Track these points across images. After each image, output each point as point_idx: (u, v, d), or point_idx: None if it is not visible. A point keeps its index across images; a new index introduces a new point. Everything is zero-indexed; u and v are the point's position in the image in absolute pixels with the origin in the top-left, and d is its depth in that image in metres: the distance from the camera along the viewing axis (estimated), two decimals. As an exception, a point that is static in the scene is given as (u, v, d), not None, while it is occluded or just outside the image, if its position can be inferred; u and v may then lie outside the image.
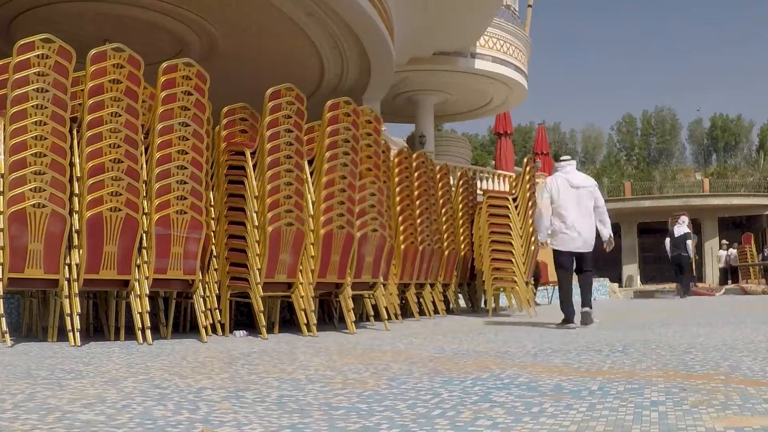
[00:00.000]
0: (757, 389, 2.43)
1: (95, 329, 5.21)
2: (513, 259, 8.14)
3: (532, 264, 8.82)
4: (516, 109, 27.25)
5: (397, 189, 7.15)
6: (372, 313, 6.36)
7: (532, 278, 9.52)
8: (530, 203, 8.32)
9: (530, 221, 8.25)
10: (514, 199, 8.24)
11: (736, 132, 63.69)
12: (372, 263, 6.07)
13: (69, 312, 4.22)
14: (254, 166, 5.26)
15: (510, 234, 8.09)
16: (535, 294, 10.32)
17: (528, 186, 8.45)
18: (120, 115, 4.46)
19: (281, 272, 5.22)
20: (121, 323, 4.69)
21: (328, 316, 6.71)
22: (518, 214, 8.26)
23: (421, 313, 7.73)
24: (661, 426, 1.88)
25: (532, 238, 8.27)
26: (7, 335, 4.06)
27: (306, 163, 5.45)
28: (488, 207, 8.24)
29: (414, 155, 7.64)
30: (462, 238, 8.81)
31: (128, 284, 4.59)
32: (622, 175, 52.53)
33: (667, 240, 16.30)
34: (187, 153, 4.75)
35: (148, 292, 4.62)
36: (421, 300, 7.84)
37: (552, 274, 11.50)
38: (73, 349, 4.04)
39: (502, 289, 8.57)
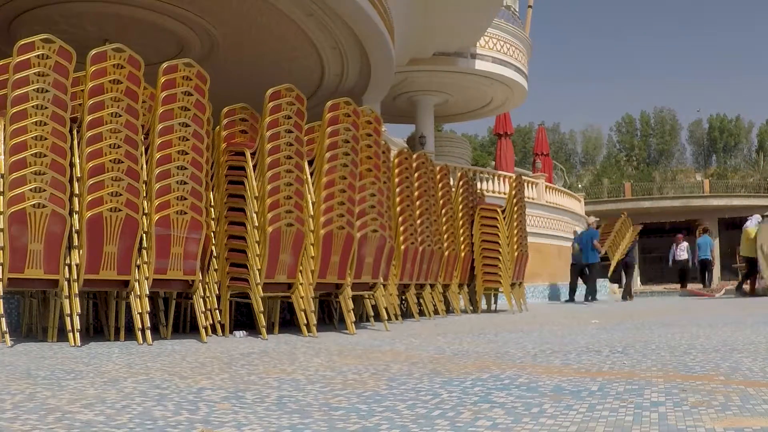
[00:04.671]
0: (757, 390, 2.43)
1: (95, 329, 5.21)
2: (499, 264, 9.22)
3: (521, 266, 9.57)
4: (516, 110, 27.27)
5: (397, 189, 7.15)
6: (372, 313, 6.36)
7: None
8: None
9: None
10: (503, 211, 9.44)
11: (735, 133, 63.70)
12: (372, 264, 6.07)
13: (69, 312, 4.22)
14: (254, 166, 5.26)
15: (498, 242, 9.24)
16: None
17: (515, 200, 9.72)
18: (120, 116, 4.46)
19: (281, 273, 5.22)
20: (121, 323, 4.69)
21: (328, 317, 6.71)
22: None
23: (421, 313, 7.73)
24: (660, 427, 1.88)
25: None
26: (7, 335, 4.06)
27: (306, 163, 5.45)
28: (480, 218, 9.27)
29: (414, 156, 7.65)
30: (462, 239, 8.82)
31: (128, 284, 4.59)
32: (622, 176, 52.55)
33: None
34: (187, 153, 4.75)
35: (148, 293, 4.62)
36: (421, 301, 7.84)
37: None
38: (73, 349, 4.04)
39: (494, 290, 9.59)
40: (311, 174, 5.56)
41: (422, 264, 7.53)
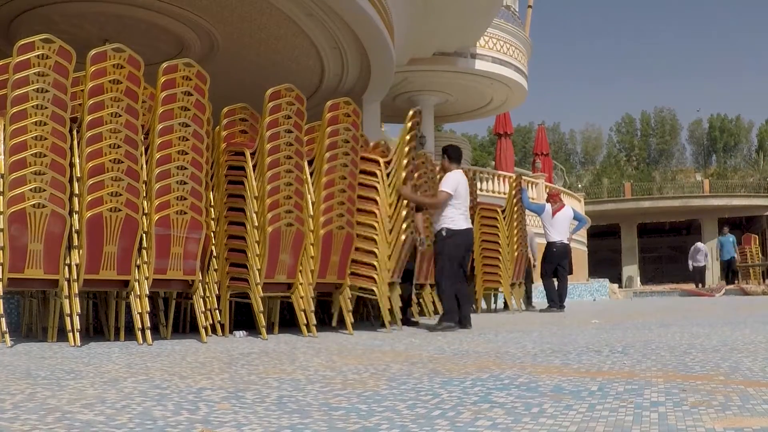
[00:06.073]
0: (757, 390, 2.43)
1: (95, 329, 5.21)
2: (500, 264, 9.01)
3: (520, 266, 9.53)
4: (516, 110, 27.26)
5: (397, 189, 7.13)
6: (372, 313, 6.35)
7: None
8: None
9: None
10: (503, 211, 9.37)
11: (735, 132, 63.67)
12: (372, 264, 6.06)
13: (69, 312, 4.22)
14: (254, 166, 5.26)
15: (498, 242, 9.07)
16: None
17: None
18: (120, 116, 4.46)
19: (281, 272, 5.22)
20: (121, 323, 4.69)
21: (328, 317, 6.71)
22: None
23: (421, 313, 7.73)
24: (660, 426, 1.88)
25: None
26: (7, 335, 4.07)
27: (306, 163, 5.45)
28: (480, 218, 9.06)
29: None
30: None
31: (128, 284, 4.59)
32: (621, 176, 52.52)
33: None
34: (187, 153, 4.75)
35: (148, 293, 4.62)
36: (421, 300, 7.84)
37: None
38: (73, 349, 4.04)
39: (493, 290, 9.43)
40: (311, 174, 5.56)
41: (422, 264, 7.53)
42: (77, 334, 4.18)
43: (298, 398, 2.39)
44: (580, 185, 43.88)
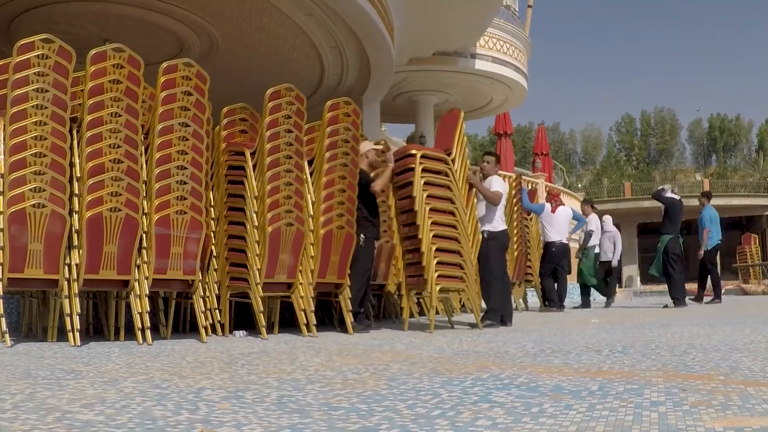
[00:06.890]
0: (757, 389, 2.43)
1: (95, 329, 5.21)
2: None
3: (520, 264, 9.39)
4: (516, 110, 27.26)
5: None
6: (372, 313, 6.35)
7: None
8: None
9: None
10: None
11: (735, 132, 63.70)
12: (372, 263, 6.06)
13: (69, 312, 4.22)
14: (254, 166, 5.26)
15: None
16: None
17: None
18: (120, 116, 4.46)
19: (281, 272, 5.22)
20: (121, 323, 4.69)
21: (328, 317, 6.71)
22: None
23: (421, 313, 7.73)
24: (660, 426, 1.87)
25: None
26: (7, 335, 4.07)
27: (306, 163, 5.45)
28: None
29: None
30: (462, 238, 8.82)
31: (128, 284, 4.59)
32: (621, 176, 52.57)
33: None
34: (186, 153, 4.75)
35: (147, 293, 4.62)
36: (421, 300, 7.83)
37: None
38: (72, 349, 4.04)
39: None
40: (311, 174, 5.56)
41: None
42: (77, 334, 4.18)
43: (298, 398, 2.38)
44: (580, 185, 43.92)
